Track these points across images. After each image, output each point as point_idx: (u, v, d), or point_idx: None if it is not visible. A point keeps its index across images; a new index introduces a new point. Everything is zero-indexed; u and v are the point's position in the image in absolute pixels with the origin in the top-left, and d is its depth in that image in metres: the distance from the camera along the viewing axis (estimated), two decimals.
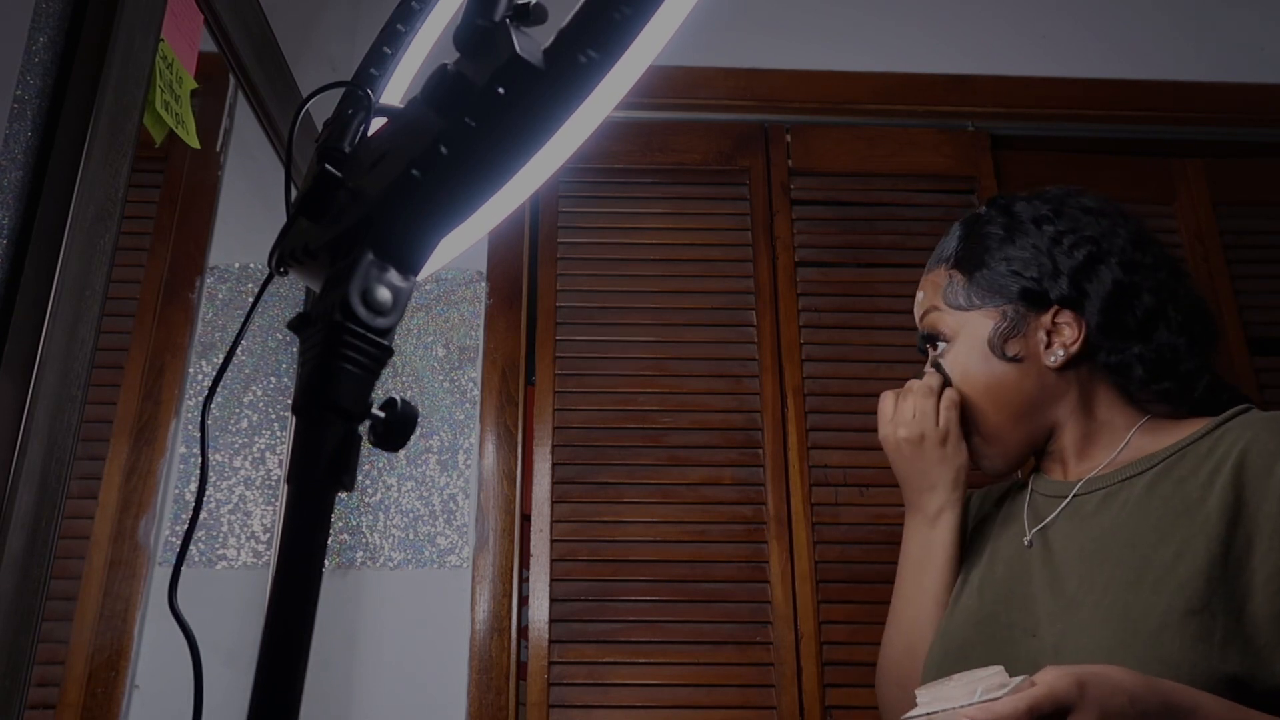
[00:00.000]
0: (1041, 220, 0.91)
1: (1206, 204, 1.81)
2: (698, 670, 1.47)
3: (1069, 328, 0.88)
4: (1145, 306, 0.87)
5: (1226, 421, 0.82)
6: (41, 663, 1.29)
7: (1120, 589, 0.76)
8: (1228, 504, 0.75)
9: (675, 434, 1.59)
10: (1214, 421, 0.83)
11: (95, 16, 0.73)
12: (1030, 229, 0.91)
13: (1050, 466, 0.93)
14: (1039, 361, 0.88)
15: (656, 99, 1.77)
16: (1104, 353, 0.88)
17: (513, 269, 1.70)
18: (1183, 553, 0.74)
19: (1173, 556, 0.74)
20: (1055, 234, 0.89)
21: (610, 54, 0.36)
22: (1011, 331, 0.88)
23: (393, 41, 0.60)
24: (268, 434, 1.53)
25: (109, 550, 1.39)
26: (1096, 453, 0.89)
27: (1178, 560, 0.74)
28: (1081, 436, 0.89)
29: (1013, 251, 0.90)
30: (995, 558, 0.92)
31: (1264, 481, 0.74)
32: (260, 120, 1.19)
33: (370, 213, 0.38)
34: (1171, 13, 1.95)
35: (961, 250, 0.94)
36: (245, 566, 1.46)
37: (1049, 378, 0.88)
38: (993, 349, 0.89)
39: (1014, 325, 0.89)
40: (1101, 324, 0.87)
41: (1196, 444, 0.81)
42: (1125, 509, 0.82)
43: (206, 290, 1.58)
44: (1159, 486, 0.80)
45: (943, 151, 1.80)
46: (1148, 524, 0.78)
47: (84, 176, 0.69)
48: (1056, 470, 0.92)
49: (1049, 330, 0.88)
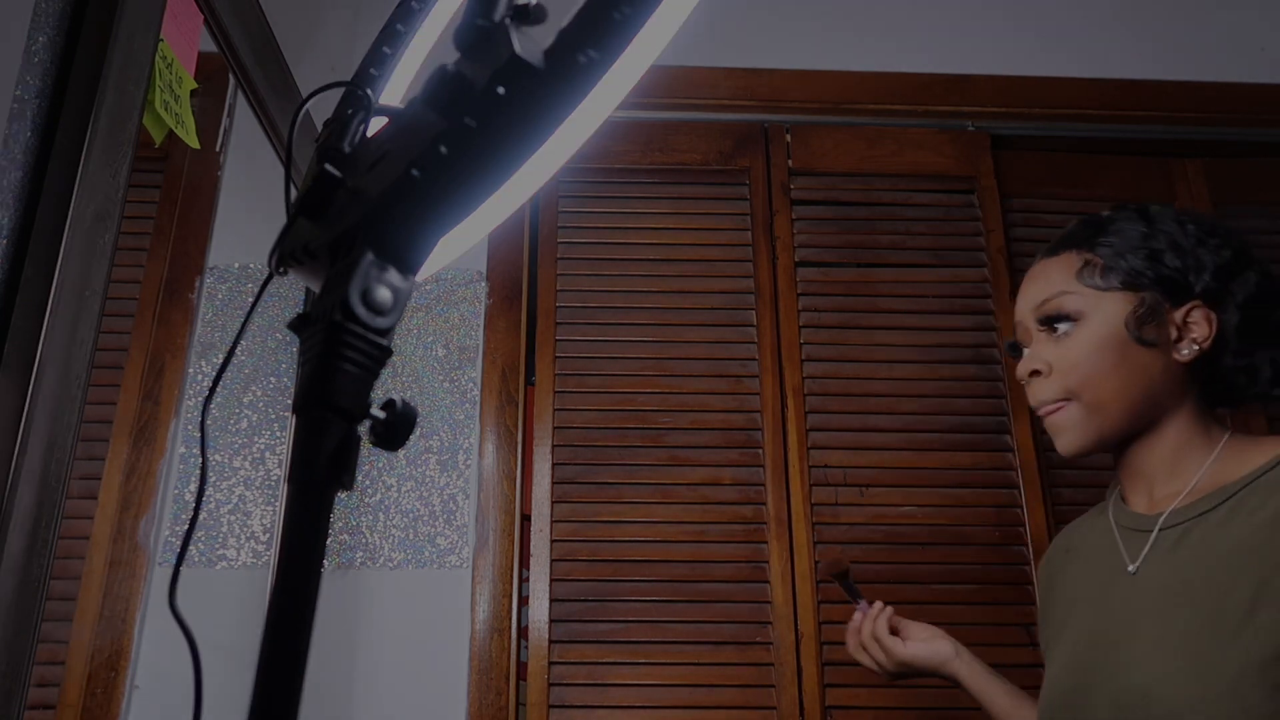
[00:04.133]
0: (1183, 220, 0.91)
1: (1206, 204, 1.81)
2: (698, 670, 1.47)
3: (1202, 325, 0.86)
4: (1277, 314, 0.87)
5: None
6: (41, 663, 1.30)
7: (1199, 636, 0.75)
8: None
9: (675, 434, 1.60)
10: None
11: (95, 16, 0.73)
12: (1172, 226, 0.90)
13: (1133, 490, 0.92)
14: (1169, 353, 0.87)
15: (656, 99, 1.77)
16: (1230, 355, 0.87)
17: (513, 269, 1.70)
18: (1261, 595, 0.73)
19: (1250, 600, 0.73)
20: (1199, 233, 0.89)
21: (610, 54, 0.36)
22: (1149, 317, 0.87)
23: (393, 41, 0.60)
24: (268, 434, 1.53)
25: (109, 550, 1.39)
26: (1183, 471, 0.87)
27: (1256, 603, 0.73)
28: (1173, 447, 0.88)
29: (1154, 243, 0.89)
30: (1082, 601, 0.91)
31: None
32: (260, 120, 1.19)
33: (370, 213, 0.38)
34: (1171, 13, 1.95)
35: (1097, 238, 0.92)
36: (245, 566, 1.46)
37: (1173, 371, 0.87)
38: (1129, 329, 0.87)
39: (1151, 311, 0.87)
40: (1240, 324, 0.86)
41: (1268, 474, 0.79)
42: (1201, 547, 0.80)
43: (206, 290, 1.58)
44: (1233, 522, 0.79)
45: (943, 151, 1.80)
46: (1222, 564, 0.77)
47: (84, 176, 0.69)
48: (1140, 496, 0.91)
49: (1180, 326, 0.87)
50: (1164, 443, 0.88)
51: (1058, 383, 0.89)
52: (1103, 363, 0.87)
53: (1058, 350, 0.90)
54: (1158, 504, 0.87)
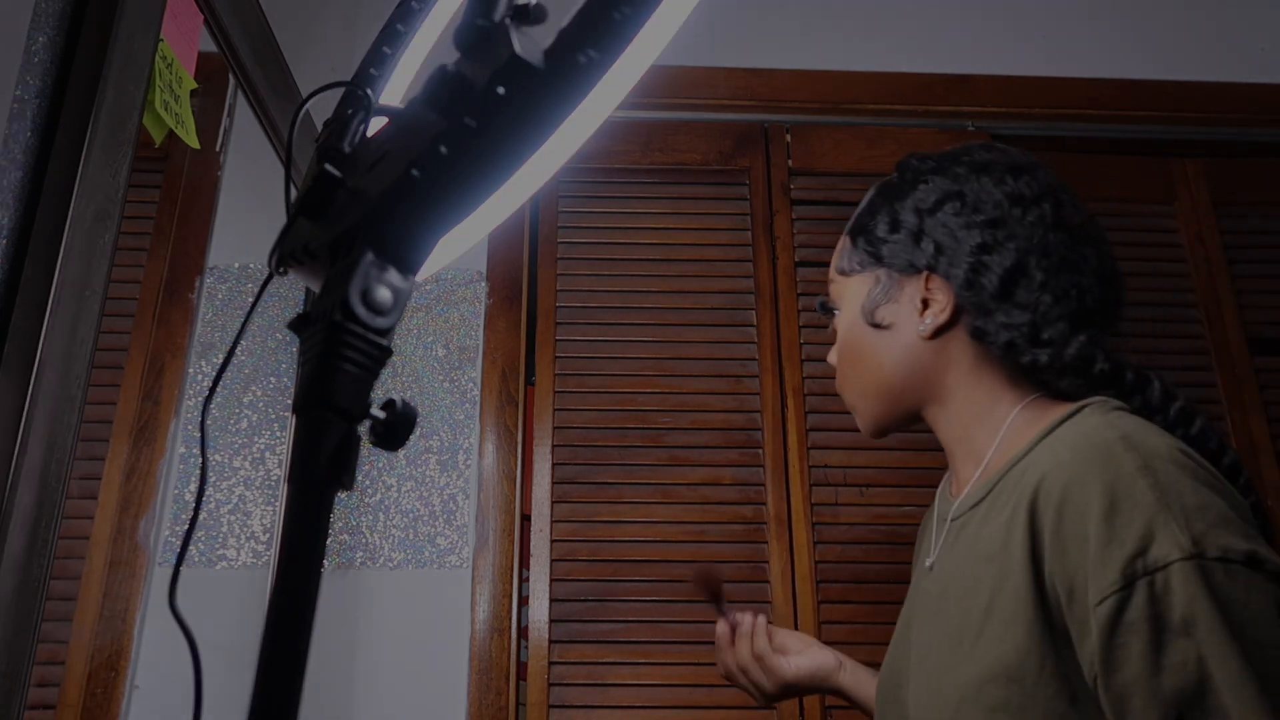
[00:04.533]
0: (919, 179, 0.82)
1: (1206, 204, 1.81)
2: (698, 670, 1.47)
3: (941, 294, 0.78)
4: (1005, 265, 0.75)
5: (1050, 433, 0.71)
6: (41, 663, 1.30)
7: (940, 655, 0.71)
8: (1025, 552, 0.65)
9: (675, 434, 1.60)
10: (1042, 430, 0.72)
11: (95, 16, 0.73)
12: (909, 190, 0.82)
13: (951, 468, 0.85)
14: (909, 332, 0.79)
15: (656, 99, 1.77)
16: (969, 319, 0.77)
17: (513, 269, 1.70)
18: (991, 609, 0.66)
19: (983, 613, 0.67)
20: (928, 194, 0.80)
21: (610, 54, 0.36)
22: (883, 298, 0.81)
23: (393, 41, 0.60)
24: (268, 434, 1.53)
25: (109, 550, 1.39)
26: (977, 446, 0.78)
27: (986, 617, 0.67)
28: (959, 423, 0.79)
29: (891, 215, 0.82)
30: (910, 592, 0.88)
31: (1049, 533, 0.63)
32: (260, 120, 1.19)
33: (370, 213, 0.38)
34: (1172, 13, 1.95)
35: (857, 215, 0.87)
36: (245, 566, 1.46)
37: (917, 350, 0.79)
38: (864, 315, 0.82)
39: (885, 291, 0.81)
40: (965, 285, 0.77)
41: (1019, 464, 0.71)
42: (965, 548, 0.74)
43: (206, 290, 1.58)
44: (988, 520, 0.72)
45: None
46: (970, 571, 0.71)
47: (84, 176, 0.69)
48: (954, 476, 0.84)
49: (924, 298, 0.79)
50: (952, 416, 0.80)
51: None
52: (848, 355, 0.84)
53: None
54: (961, 487, 0.80)
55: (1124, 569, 0.58)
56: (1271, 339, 1.74)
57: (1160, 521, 0.58)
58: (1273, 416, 1.68)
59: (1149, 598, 0.57)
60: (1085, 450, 0.64)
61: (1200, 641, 0.56)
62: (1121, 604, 0.58)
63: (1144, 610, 0.57)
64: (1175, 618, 0.56)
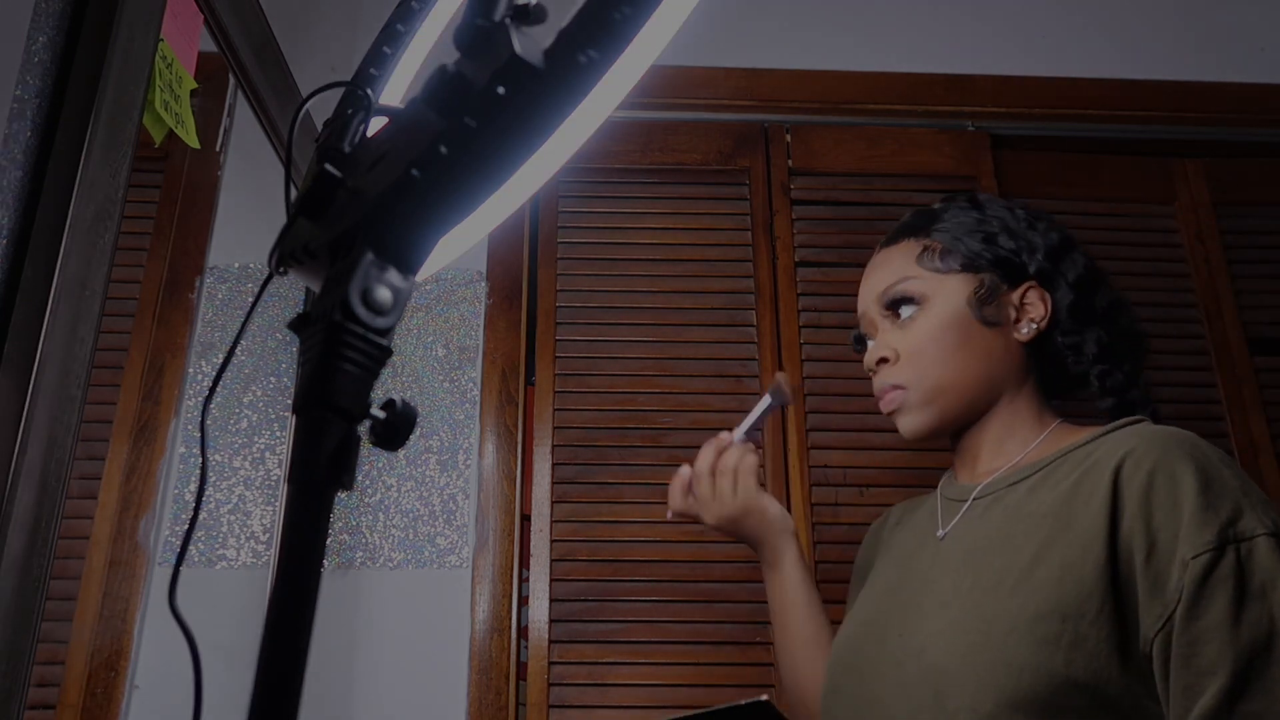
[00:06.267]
0: (1012, 206, 0.94)
1: (1206, 204, 1.81)
2: (698, 670, 1.47)
3: (1038, 304, 0.89)
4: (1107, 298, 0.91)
5: (1114, 430, 0.81)
6: (41, 663, 1.30)
7: (980, 593, 0.76)
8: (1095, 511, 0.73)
9: (675, 434, 1.60)
10: (1102, 429, 0.83)
11: (95, 16, 0.73)
12: (1002, 211, 0.93)
13: (962, 466, 0.93)
14: (1009, 333, 0.89)
15: (656, 99, 1.77)
16: (1061, 334, 0.89)
17: (513, 269, 1.70)
18: (1041, 556, 0.74)
19: (1031, 560, 0.74)
20: (1028, 217, 0.92)
21: (610, 54, 0.36)
22: (989, 298, 0.89)
23: (393, 41, 0.60)
24: (268, 434, 1.53)
25: (109, 550, 1.39)
26: (1007, 451, 0.88)
27: (1035, 564, 0.74)
28: (1003, 428, 0.89)
29: (988, 227, 0.91)
30: (891, 563, 0.93)
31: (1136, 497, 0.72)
32: (260, 120, 1.18)
33: (370, 213, 0.38)
34: (1171, 13, 1.95)
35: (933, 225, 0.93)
36: (245, 566, 1.46)
37: (1013, 350, 0.89)
38: (971, 309, 0.88)
39: (990, 293, 0.89)
40: (1072, 304, 0.89)
41: (1077, 450, 0.81)
42: (1005, 514, 0.82)
43: (206, 290, 1.58)
44: (1038, 491, 0.81)
45: (943, 151, 1.80)
46: (1020, 529, 0.78)
47: (84, 176, 0.69)
48: (965, 471, 0.93)
49: (1018, 306, 0.89)
50: (995, 423, 0.89)
51: (905, 367, 0.89)
52: (948, 344, 0.88)
53: (904, 336, 0.90)
54: (979, 478, 0.89)
55: (1220, 533, 0.68)
56: (1271, 339, 1.74)
57: (1247, 504, 0.70)
58: (1273, 416, 1.68)
59: (1236, 560, 0.68)
60: (1167, 440, 0.74)
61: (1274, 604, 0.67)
62: (1214, 561, 0.68)
63: (1232, 569, 0.68)
64: (1255, 581, 0.67)
